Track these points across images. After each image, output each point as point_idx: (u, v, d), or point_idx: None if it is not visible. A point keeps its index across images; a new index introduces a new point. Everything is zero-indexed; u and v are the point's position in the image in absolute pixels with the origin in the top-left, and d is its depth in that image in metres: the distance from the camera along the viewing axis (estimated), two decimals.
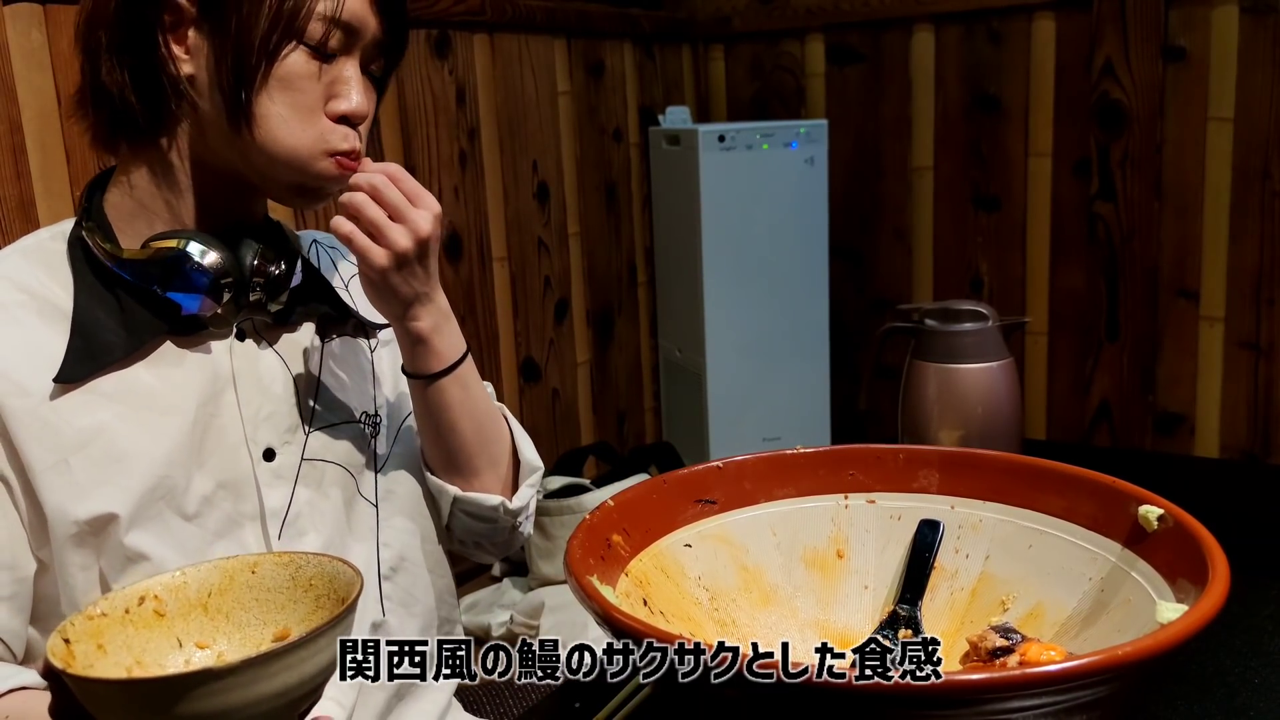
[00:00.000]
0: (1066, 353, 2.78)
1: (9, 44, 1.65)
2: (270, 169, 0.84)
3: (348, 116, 0.85)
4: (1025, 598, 0.77)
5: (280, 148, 0.83)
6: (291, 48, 0.81)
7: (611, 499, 0.78)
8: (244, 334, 0.90)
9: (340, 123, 0.85)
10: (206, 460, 0.86)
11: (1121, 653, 0.52)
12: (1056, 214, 2.74)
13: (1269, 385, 2.54)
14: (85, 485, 0.80)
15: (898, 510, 0.84)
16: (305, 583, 0.70)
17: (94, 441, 0.81)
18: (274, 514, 0.88)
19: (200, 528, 0.85)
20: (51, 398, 0.81)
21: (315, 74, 0.83)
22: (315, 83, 0.83)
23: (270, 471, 0.88)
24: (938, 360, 1.19)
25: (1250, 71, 2.44)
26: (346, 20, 0.83)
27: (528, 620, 2.35)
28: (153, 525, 0.83)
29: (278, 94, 0.82)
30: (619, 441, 3.07)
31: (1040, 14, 2.68)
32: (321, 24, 0.82)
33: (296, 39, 0.81)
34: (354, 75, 0.85)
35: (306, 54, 0.82)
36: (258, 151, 0.83)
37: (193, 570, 0.70)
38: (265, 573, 0.70)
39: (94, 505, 0.80)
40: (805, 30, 3.05)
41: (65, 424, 0.81)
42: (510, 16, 2.55)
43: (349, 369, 0.96)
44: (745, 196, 2.77)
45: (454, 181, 2.47)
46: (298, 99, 0.83)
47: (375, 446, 0.96)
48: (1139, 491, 0.73)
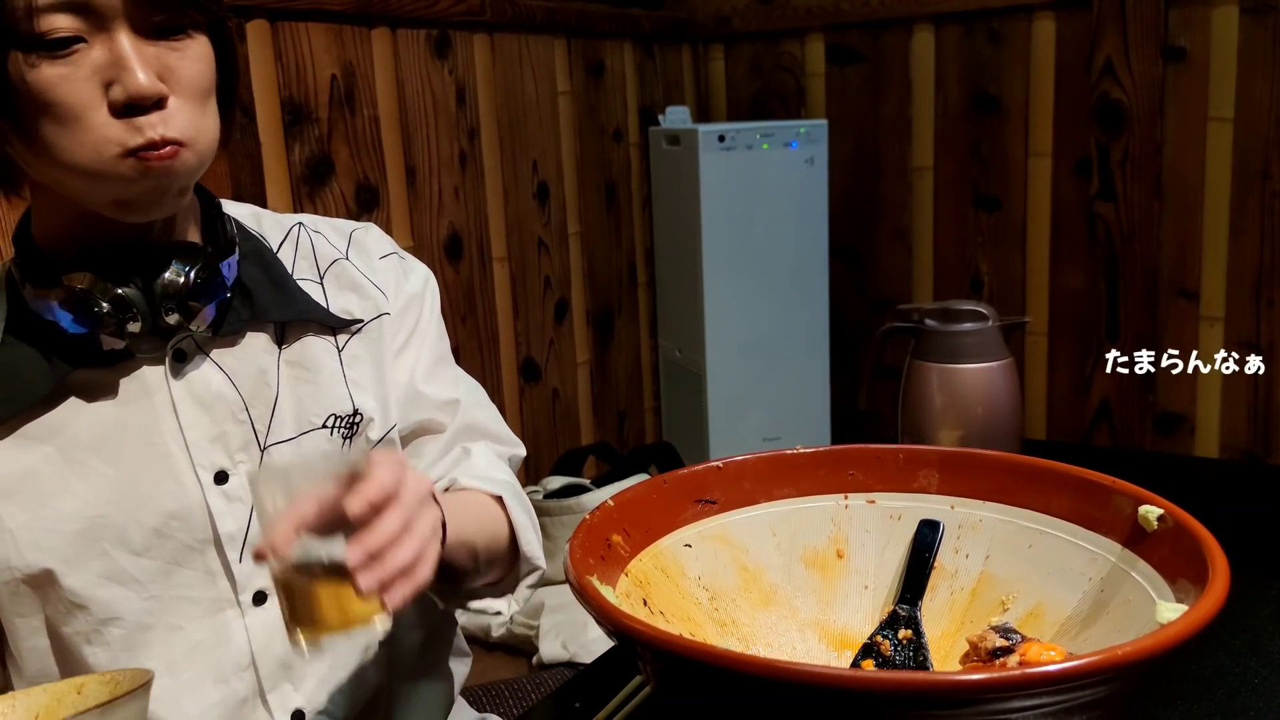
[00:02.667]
0: (1066, 353, 2.78)
1: None
2: (87, 192, 0.75)
3: (132, 102, 0.71)
4: (1025, 598, 0.77)
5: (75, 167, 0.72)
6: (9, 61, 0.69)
7: (611, 499, 0.78)
8: (184, 354, 0.83)
9: (130, 113, 0.71)
10: (151, 492, 0.81)
11: (1121, 653, 0.52)
12: (1056, 214, 2.74)
13: (1269, 385, 2.54)
14: (18, 535, 0.78)
15: (898, 510, 0.84)
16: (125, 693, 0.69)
17: (21, 489, 0.78)
18: (230, 539, 0.83)
19: (154, 559, 0.81)
20: None
21: (64, 73, 0.70)
22: (69, 83, 0.70)
23: (222, 495, 0.83)
24: (938, 360, 1.19)
25: (1250, 71, 2.44)
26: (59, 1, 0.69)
27: (528, 620, 2.35)
28: (97, 565, 0.80)
29: (35, 115, 0.71)
30: (619, 441, 3.07)
31: (1040, 14, 2.68)
32: (28, 19, 0.68)
33: (9, 47, 0.69)
34: (126, 51, 0.71)
35: (34, 58, 0.69)
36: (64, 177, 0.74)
37: (22, 695, 0.71)
38: (89, 691, 0.71)
39: (29, 558, 0.78)
40: (805, 30, 3.05)
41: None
42: (510, 16, 2.55)
43: (312, 372, 0.88)
44: (745, 196, 2.78)
45: (454, 181, 2.47)
46: (58, 110, 0.70)
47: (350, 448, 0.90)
48: (1139, 491, 0.73)
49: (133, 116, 0.72)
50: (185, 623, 0.83)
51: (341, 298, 0.92)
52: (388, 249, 0.97)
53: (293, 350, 0.88)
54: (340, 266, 0.93)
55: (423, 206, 2.40)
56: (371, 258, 0.95)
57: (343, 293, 0.92)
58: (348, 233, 0.96)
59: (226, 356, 0.85)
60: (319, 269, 0.92)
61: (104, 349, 0.80)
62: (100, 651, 0.81)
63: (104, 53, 0.71)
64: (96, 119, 0.71)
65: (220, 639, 0.84)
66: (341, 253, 0.94)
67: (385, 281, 0.94)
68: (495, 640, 2.40)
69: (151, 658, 0.82)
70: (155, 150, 0.72)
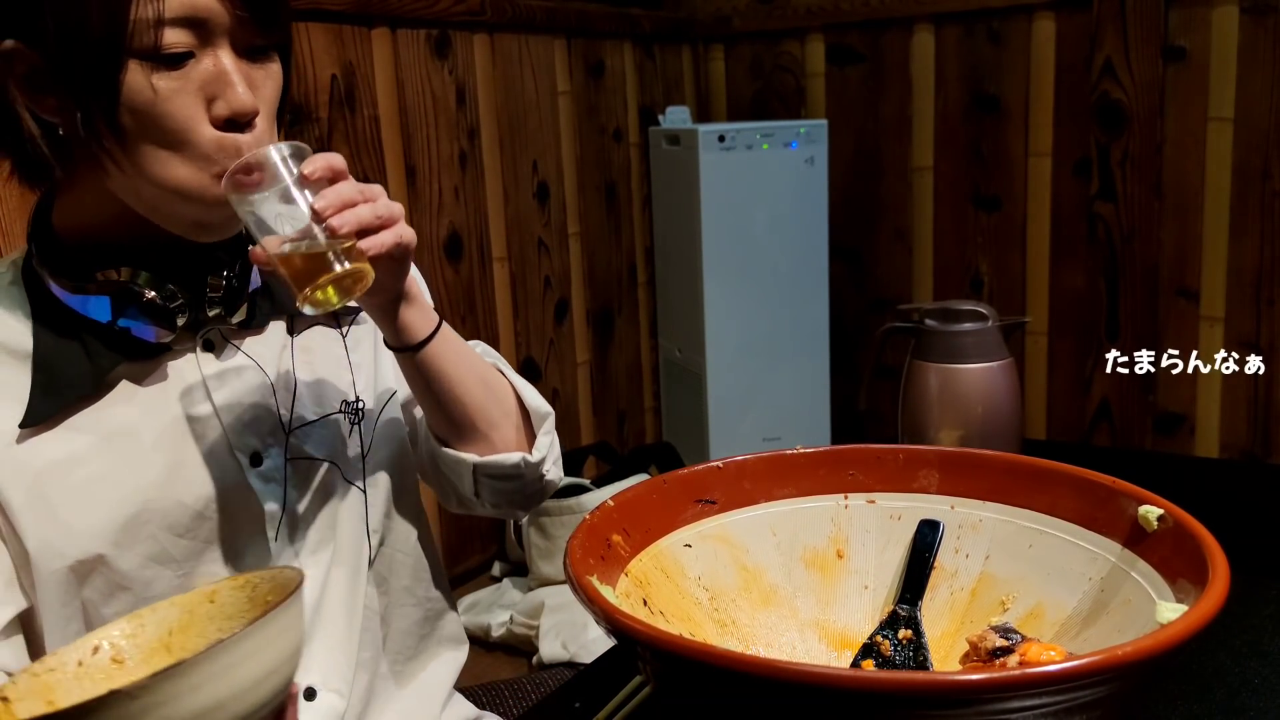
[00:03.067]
0: (1066, 353, 2.78)
1: None
2: (169, 207, 0.78)
3: (234, 117, 0.75)
4: (1025, 598, 0.77)
5: (165, 185, 0.76)
6: (127, 70, 0.72)
7: (611, 499, 0.78)
8: (211, 344, 0.88)
9: (229, 128, 0.76)
10: (194, 475, 0.84)
11: (1121, 653, 0.52)
12: (1056, 214, 2.74)
13: (1269, 385, 2.54)
14: (71, 523, 0.80)
15: (898, 510, 0.84)
16: (262, 600, 0.67)
17: (69, 477, 0.80)
18: (271, 517, 0.88)
19: (193, 539, 0.84)
20: (20, 440, 0.79)
21: (175, 87, 0.73)
22: (180, 95, 0.74)
23: (260, 476, 0.87)
24: (938, 360, 1.19)
25: (1250, 71, 2.44)
26: (181, 15, 0.72)
27: (528, 620, 2.35)
28: (144, 548, 0.82)
29: (141, 124, 0.74)
30: (619, 441, 3.07)
31: (1040, 14, 2.68)
32: (150, 30, 0.71)
33: (128, 57, 0.72)
34: (229, 66, 0.75)
35: (150, 69, 0.73)
36: (150, 192, 0.77)
37: (148, 612, 0.67)
38: (224, 599, 0.68)
39: (82, 545, 0.80)
40: (805, 30, 3.05)
41: (39, 458, 0.80)
42: (510, 16, 2.55)
43: (323, 360, 0.93)
44: (745, 196, 2.78)
45: (454, 181, 2.47)
46: (164, 122, 0.74)
47: (360, 433, 0.94)
48: (1139, 491, 0.73)
49: (231, 132, 0.76)
50: None
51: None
52: None
53: (303, 339, 0.93)
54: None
55: (423, 206, 2.40)
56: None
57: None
58: None
59: (250, 345, 0.90)
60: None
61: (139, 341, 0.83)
62: None
63: (208, 68, 0.75)
64: (202, 133, 0.75)
65: None
66: None
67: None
68: (495, 640, 2.40)
69: None
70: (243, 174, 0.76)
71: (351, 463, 0.94)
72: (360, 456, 0.94)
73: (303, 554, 0.90)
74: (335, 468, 0.93)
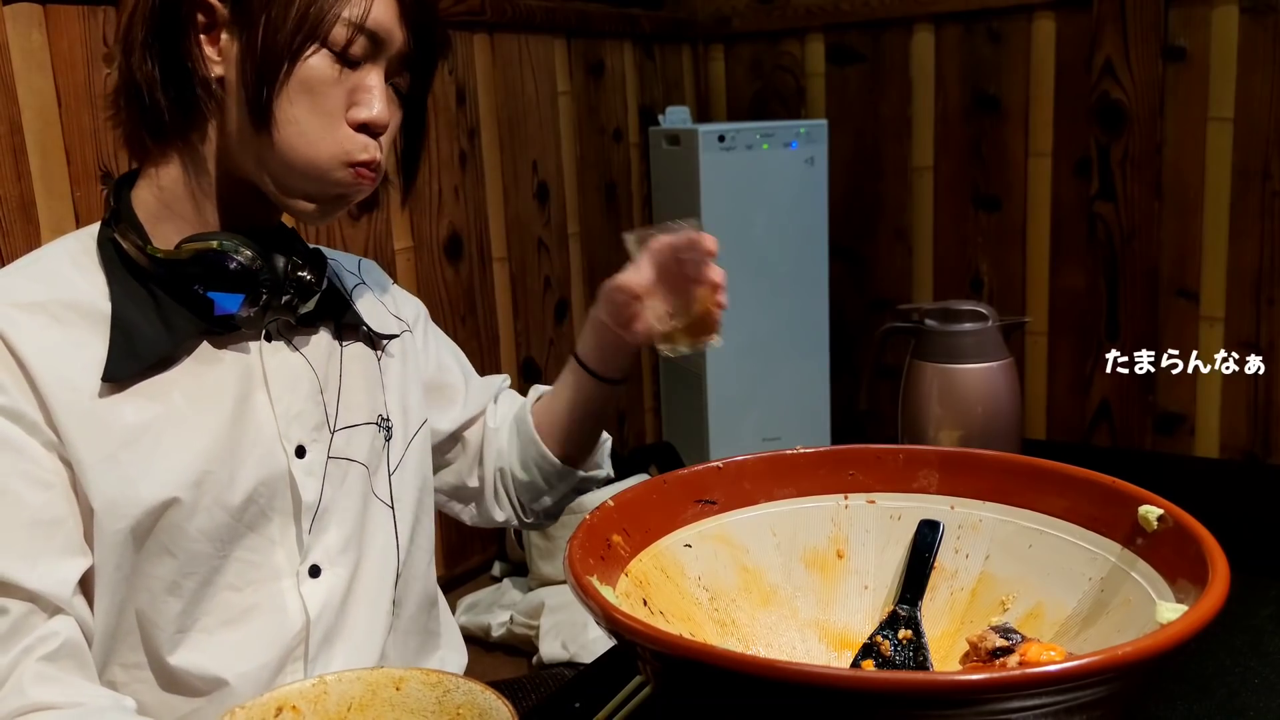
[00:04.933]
0: (1066, 353, 2.78)
1: (9, 44, 1.65)
2: (288, 176, 0.85)
3: (368, 125, 0.85)
4: (1025, 598, 0.77)
5: (298, 154, 0.83)
6: (314, 50, 0.82)
7: (611, 499, 0.78)
8: (270, 335, 0.91)
9: (360, 131, 0.85)
10: (245, 456, 0.87)
11: (1121, 653, 0.52)
12: (1056, 214, 2.74)
13: (1269, 385, 2.54)
14: (137, 479, 0.81)
15: (898, 510, 0.84)
16: (453, 710, 0.66)
17: (141, 438, 0.82)
18: (307, 508, 0.90)
19: (237, 520, 0.86)
20: (98, 395, 0.81)
21: (336, 79, 0.83)
22: (337, 88, 0.83)
23: (303, 468, 0.89)
24: (938, 360, 1.19)
25: (1250, 71, 2.44)
26: (371, 28, 0.83)
27: (528, 620, 2.35)
28: (201, 519, 0.84)
29: (298, 97, 0.82)
30: (619, 441, 3.07)
31: (1040, 14, 2.68)
32: (346, 28, 0.82)
33: (319, 41, 0.82)
34: (377, 84, 0.85)
35: (329, 58, 0.82)
36: (277, 157, 0.84)
37: (334, 680, 0.67)
38: (411, 690, 0.67)
39: (148, 494, 0.81)
40: (805, 30, 3.05)
41: (114, 419, 0.81)
42: (510, 16, 2.55)
43: (363, 374, 0.97)
44: (745, 196, 2.78)
45: (454, 181, 2.47)
46: (318, 103, 0.83)
47: (389, 450, 0.98)
48: (1139, 491, 0.73)
49: (364, 136, 0.85)
50: (242, 585, 0.87)
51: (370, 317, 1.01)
52: (389, 281, 1.10)
53: (349, 349, 0.97)
54: (361, 290, 1.03)
55: (423, 206, 2.40)
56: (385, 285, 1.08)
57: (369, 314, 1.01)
58: (356, 263, 1.08)
59: (305, 343, 0.93)
60: (347, 291, 1.01)
61: (215, 314, 0.85)
62: (175, 603, 0.84)
63: (362, 77, 0.85)
64: (343, 126, 0.85)
65: (274, 605, 0.88)
66: (358, 277, 1.05)
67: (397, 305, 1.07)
68: (495, 640, 2.40)
69: (211, 612, 0.86)
70: (370, 170, 0.86)
71: (381, 476, 0.97)
72: (388, 473, 0.97)
73: (333, 552, 0.91)
74: (367, 473, 0.95)
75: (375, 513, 0.96)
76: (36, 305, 0.81)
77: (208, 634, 0.86)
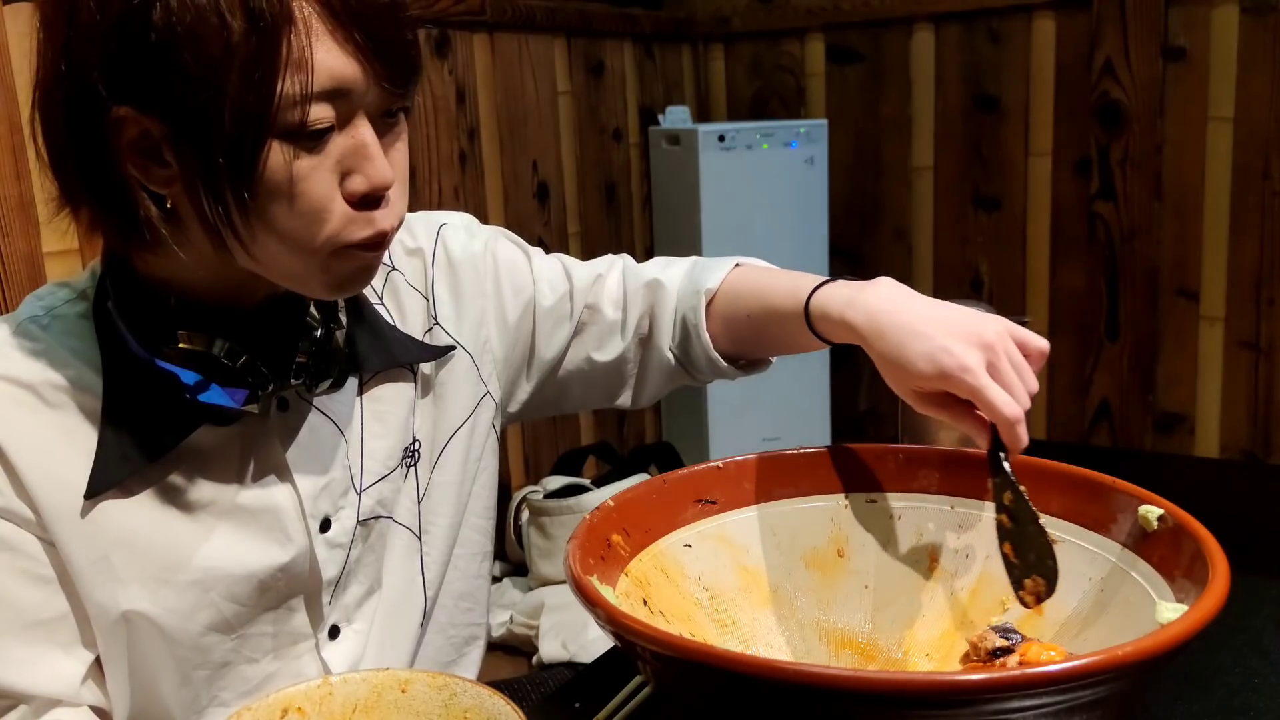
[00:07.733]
0: (1066, 353, 2.78)
1: (9, 44, 1.65)
2: (283, 280, 0.75)
3: (372, 193, 0.71)
4: None
5: (283, 267, 0.72)
6: (268, 149, 0.67)
7: (611, 499, 0.78)
8: (286, 402, 0.82)
9: (361, 205, 0.71)
10: (262, 546, 0.81)
11: (1121, 653, 0.52)
12: (1056, 214, 2.74)
13: (1269, 385, 2.54)
14: (127, 587, 0.77)
15: (898, 510, 0.84)
16: (460, 713, 0.65)
17: (133, 543, 0.77)
18: (329, 584, 0.84)
19: (250, 606, 0.81)
20: (85, 500, 0.75)
21: (312, 163, 0.68)
22: (316, 172, 0.69)
23: (326, 543, 0.83)
24: None
25: (1250, 71, 2.44)
26: (329, 89, 0.67)
27: (528, 620, 2.35)
28: (205, 616, 0.80)
29: (269, 206, 0.68)
30: (619, 441, 3.07)
31: (1040, 14, 2.68)
32: (295, 109, 0.66)
33: (270, 136, 0.66)
34: (367, 139, 0.70)
35: (290, 149, 0.67)
36: (263, 268, 0.73)
37: (339, 682, 0.67)
38: (417, 693, 0.66)
39: (150, 595, 0.77)
40: (805, 30, 3.05)
41: (105, 519, 0.76)
42: (510, 16, 2.55)
43: (389, 403, 0.88)
44: (745, 196, 2.77)
45: (454, 181, 2.47)
46: (298, 203, 0.69)
47: (417, 475, 0.91)
48: (1139, 491, 0.73)
49: (366, 209, 0.72)
50: (260, 656, 0.83)
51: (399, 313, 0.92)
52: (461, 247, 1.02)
53: (371, 392, 0.88)
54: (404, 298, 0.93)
55: (423, 207, 2.39)
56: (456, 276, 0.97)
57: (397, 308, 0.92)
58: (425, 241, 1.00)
59: (323, 400, 0.84)
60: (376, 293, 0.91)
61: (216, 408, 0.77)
62: (186, 691, 0.81)
63: (346, 141, 0.70)
64: (335, 210, 0.70)
65: (292, 670, 0.85)
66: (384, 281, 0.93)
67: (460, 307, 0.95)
68: (495, 640, 2.40)
69: (228, 687, 0.83)
70: (379, 246, 0.73)
71: (409, 509, 0.90)
72: (417, 502, 0.91)
73: (350, 609, 0.87)
74: (395, 522, 0.89)
75: (405, 552, 0.90)
76: (29, 386, 0.75)
77: (226, 707, 0.82)
